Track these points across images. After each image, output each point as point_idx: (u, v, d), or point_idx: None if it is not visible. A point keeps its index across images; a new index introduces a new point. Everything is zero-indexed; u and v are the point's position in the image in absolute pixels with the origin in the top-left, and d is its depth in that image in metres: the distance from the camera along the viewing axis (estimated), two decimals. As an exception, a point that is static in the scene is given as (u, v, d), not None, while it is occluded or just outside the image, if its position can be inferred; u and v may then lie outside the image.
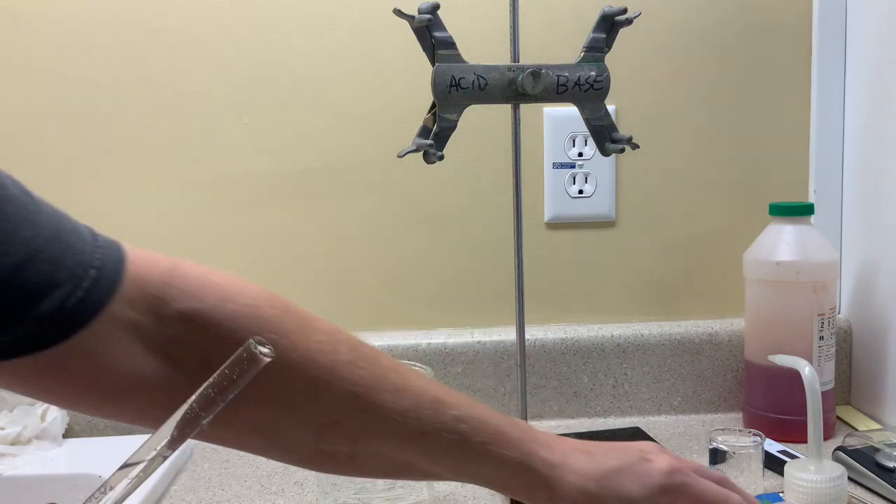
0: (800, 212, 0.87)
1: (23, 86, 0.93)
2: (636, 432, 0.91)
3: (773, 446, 0.82)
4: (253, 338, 0.33)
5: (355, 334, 0.49)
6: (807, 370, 0.66)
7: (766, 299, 0.88)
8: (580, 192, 0.98)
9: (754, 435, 0.72)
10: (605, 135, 0.77)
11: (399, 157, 0.71)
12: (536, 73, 0.72)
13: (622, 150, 0.77)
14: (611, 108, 0.81)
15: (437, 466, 0.51)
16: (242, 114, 0.95)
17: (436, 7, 0.69)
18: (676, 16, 0.97)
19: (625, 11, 0.75)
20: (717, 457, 0.71)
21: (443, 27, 0.70)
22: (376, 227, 0.98)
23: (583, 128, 0.78)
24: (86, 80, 0.94)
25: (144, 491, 0.73)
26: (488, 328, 0.98)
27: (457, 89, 0.71)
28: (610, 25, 0.75)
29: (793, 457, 0.78)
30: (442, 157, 0.71)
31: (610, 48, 0.76)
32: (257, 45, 0.94)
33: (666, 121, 0.99)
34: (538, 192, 0.98)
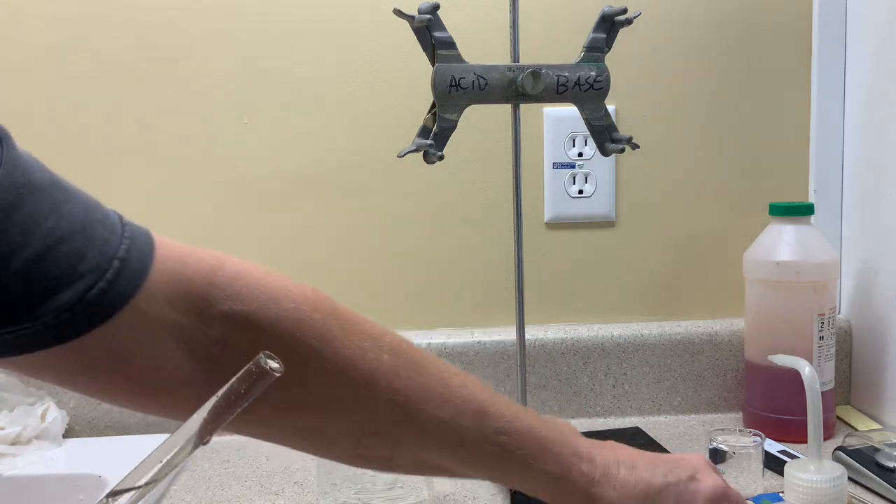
0: (800, 212, 0.87)
1: (23, 86, 0.94)
2: (636, 432, 0.91)
3: (773, 446, 0.82)
4: (263, 352, 0.33)
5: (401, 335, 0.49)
6: (807, 370, 0.66)
7: (766, 299, 0.88)
8: (580, 192, 0.98)
9: (754, 435, 0.72)
10: (605, 135, 0.77)
11: (399, 157, 0.71)
12: (536, 73, 0.72)
13: (622, 150, 0.77)
14: (611, 108, 0.81)
15: (476, 474, 0.51)
16: (242, 114, 0.95)
17: (436, 7, 0.69)
18: (677, 16, 0.97)
19: (625, 11, 0.75)
20: (717, 457, 0.71)
21: (443, 27, 0.70)
22: (376, 227, 0.98)
23: (583, 128, 0.78)
24: (86, 80, 0.94)
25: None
26: (488, 328, 0.98)
27: (457, 89, 0.71)
28: (610, 25, 0.75)
29: (793, 457, 0.78)
30: (442, 157, 0.71)
31: (610, 48, 0.76)
32: (257, 46, 0.94)
33: (666, 121, 0.99)
34: (538, 192, 0.98)
